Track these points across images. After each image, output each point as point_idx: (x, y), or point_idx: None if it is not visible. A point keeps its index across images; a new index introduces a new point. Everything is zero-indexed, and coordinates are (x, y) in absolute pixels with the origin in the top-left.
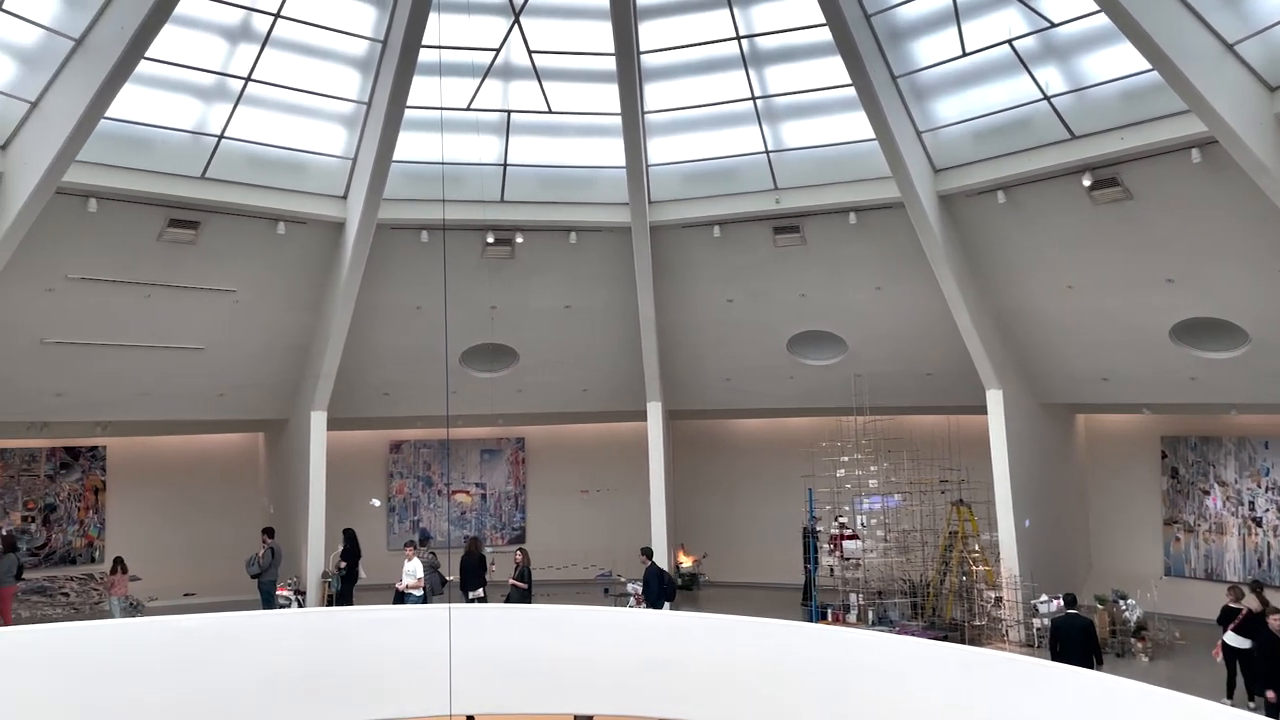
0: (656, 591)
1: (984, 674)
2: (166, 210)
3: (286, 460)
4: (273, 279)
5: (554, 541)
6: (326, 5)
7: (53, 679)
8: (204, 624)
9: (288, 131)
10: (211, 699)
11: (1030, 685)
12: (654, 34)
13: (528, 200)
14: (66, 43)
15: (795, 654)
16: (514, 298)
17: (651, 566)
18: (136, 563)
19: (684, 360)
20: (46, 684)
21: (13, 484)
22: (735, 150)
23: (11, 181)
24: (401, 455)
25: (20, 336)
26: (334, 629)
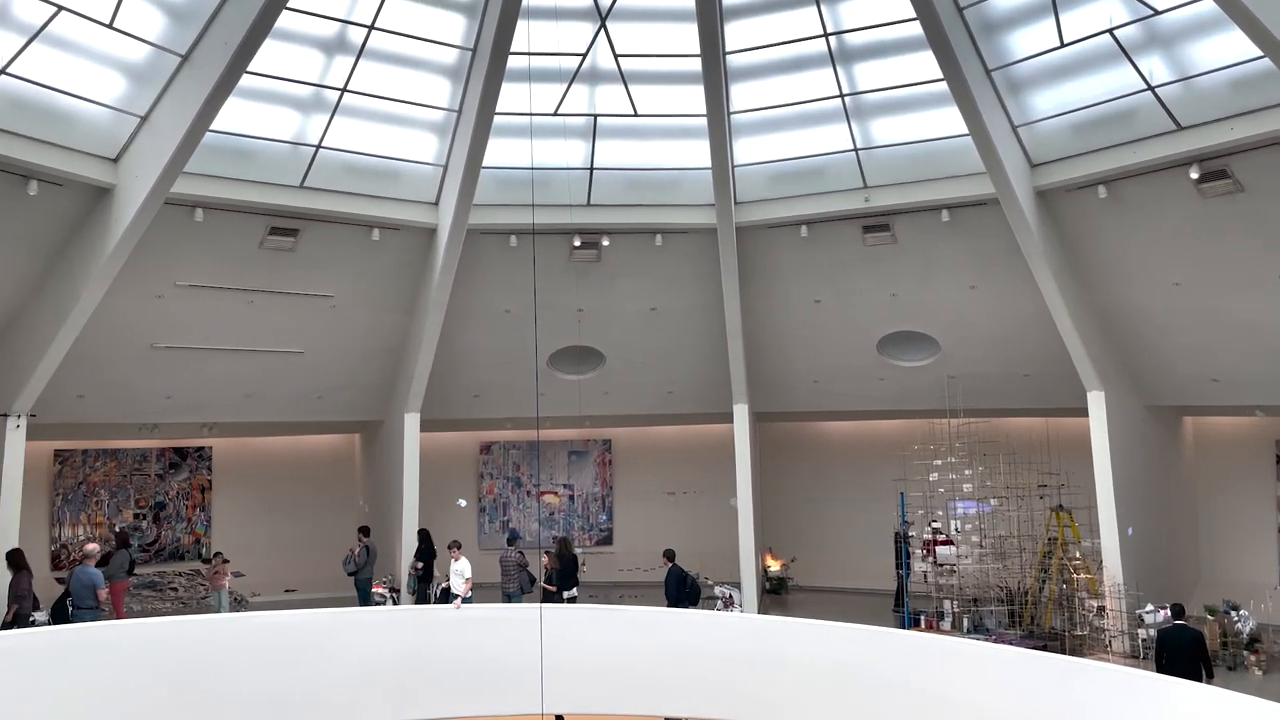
0: (675, 595)
1: (1086, 685)
2: (268, 219)
3: (381, 461)
4: (368, 284)
5: (641, 543)
6: (418, 15)
7: (163, 670)
8: (304, 619)
9: (382, 140)
10: (310, 692)
11: (1135, 698)
12: (740, 34)
13: (614, 203)
14: (174, 59)
15: (887, 661)
16: (600, 300)
17: (673, 569)
18: (240, 559)
19: (771, 362)
20: (158, 675)
21: (125, 483)
22: (823, 149)
23: (123, 193)
24: (491, 456)
25: (133, 341)
26: (427, 626)
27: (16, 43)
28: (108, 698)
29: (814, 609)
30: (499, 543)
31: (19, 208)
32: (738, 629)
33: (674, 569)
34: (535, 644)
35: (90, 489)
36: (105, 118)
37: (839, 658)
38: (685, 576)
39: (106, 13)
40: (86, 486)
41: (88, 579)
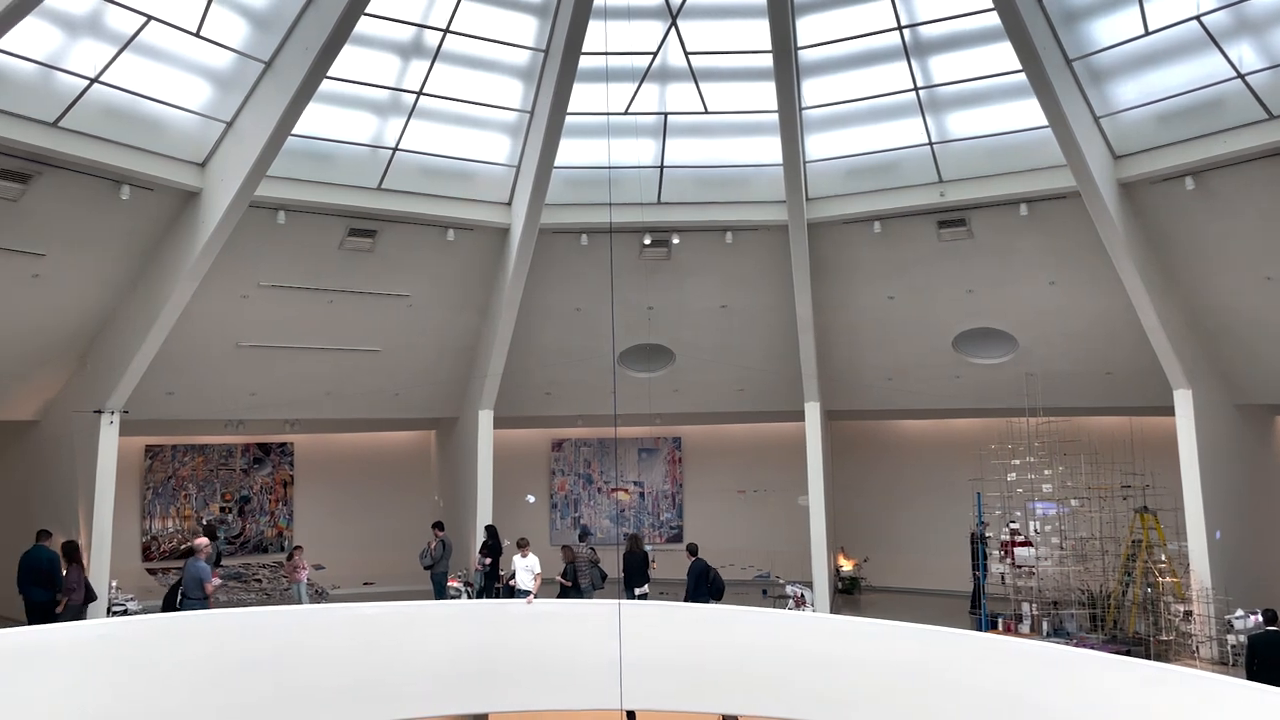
0: (691, 589)
1: (1172, 692)
2: (347, 220)
3: (456, 457)
4: (443, 284)
5: (711, 541)
6: (491, 18)
7: (249, 659)
8: (382, 611)
9: (456, 142)
10: (389, 683)
11: (1224, 706)
12: (812, 28)
13: (684, 201)
14: (257, 65)
15: (963, 663)
16: (671, 298)
17: (696, 562)
18: (320, 552)
19: (843, 359)
20: (244, 663)
21: (212, 477)
22: (897, 143)
23: (210, 197)
24: (563, 453)
25: (219, 341)
26: (501, 620)
27: (109, 52)
28: (195, 686)
29: (887, 610)
30: (570, 539)
31: (112, 212)
32: (810, 629)
33: (696, 562)
34: (607, 640)
35: (179, 483)
36: (192, 124)
37: (913, 659)
38: (708, 570)
39: (194, 21)
40: (175, 481)
41: (196, 572)
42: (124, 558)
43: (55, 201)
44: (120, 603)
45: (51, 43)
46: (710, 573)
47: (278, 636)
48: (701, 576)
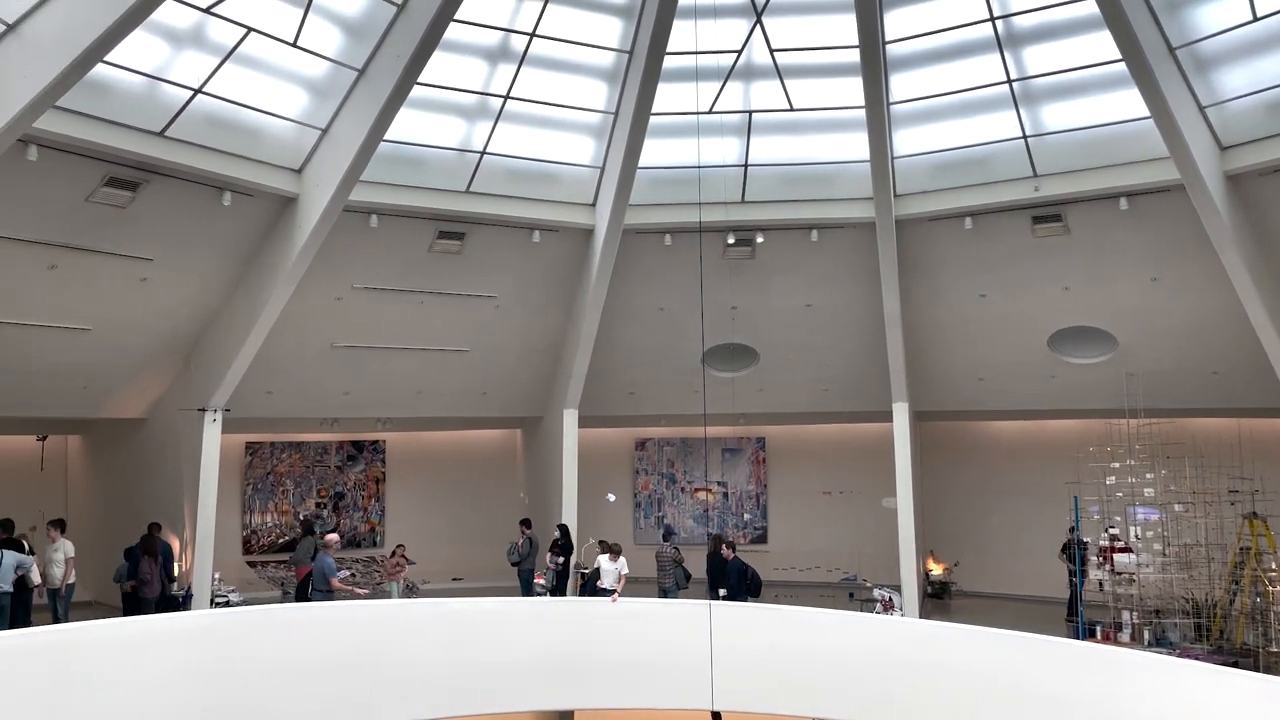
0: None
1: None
2: (436, 223)
3: (541, 455)
4: (529, 284)
5: (797, 543)
6: (576, 20)
7: (343, 650)
8: (472, 607)
9: (541, 144)
10: (479, 676)
11: None
12: (900, 22)
13: (769, 200)
14: (351, 73)
15: (1060, 673)
16: (754, 297)
17: (734, 561)
18: (410, 547)
19: (932, 359)
20: (339, 654)
21: (308, 474)
22: (988, 137)
23: (306, 202)
24: (646, 453)
25: (315, 341)
26: (587, 618)
27: (211, 63)
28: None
29: (979, 615)
30: (654, 538)
31: (215, 218)
32: (899, 633)
33: (734, 561)
34: (691, 639)
35: (277, 479)
36: (290, 131)
37: (1007, 667)
38: (746, 569)
39: (291, 32)
40: (274, 477)
41: (323, 566)
42: (226, 551)
43: (162, 208)
44: (223, 594)
45: (158, 55)
46: (748, 571)
47: (371, 630)
48: (740, 575)
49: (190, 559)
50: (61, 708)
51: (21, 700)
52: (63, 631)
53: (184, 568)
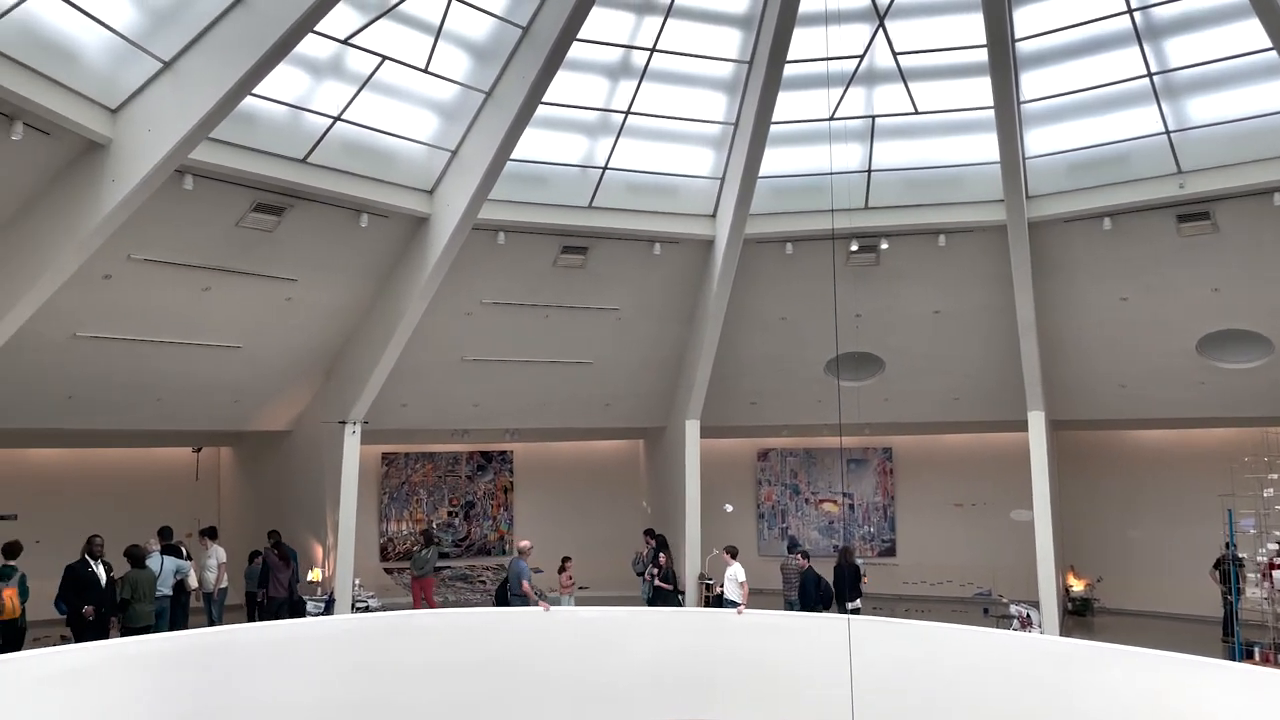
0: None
1: None
2: (560, 239)
3: (664, 466)
4: (650, 296)
5: (926, 556)
6: (696, 34)
7: (475, 656)
8: (601, 615)
9: (661, 157)
10: (608, 685)
11: None
12: (1030, 19)
13: (893, 204)
14: (479, 96)
15: (1213, 696)
16: (879, 304)
17: (808, 571)
18: (537, 556)
19: (1069, 366)
20: (470, 659)
21: (441, 483)
22: (1128, 134)
23: (438, 222)
24: (769, 463)
25: (446, 355)
26: (717, 629)
27: (349, 92)
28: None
29: (1124, 634)
30: (778, 549)
31: (353, 239)
32: (1037, 651)
33: (809, 571)
34: (821, 653)
35: (411, 488)
36: (421, 154)
37: (1156, 689)
38: (820, 580)
39: (422, 58)
40: (408, 486)
41: (517, 570)
42: (365, 557)
43: (304, 231)
44: (362, 600)
45: (300, 86)
46: (822, 582)
47: (503, 637)
48: (815, 584)
49: (332, 565)
50: (217, 704)
51: (181, 696)
52: (218, 633)
53: (326, 574)
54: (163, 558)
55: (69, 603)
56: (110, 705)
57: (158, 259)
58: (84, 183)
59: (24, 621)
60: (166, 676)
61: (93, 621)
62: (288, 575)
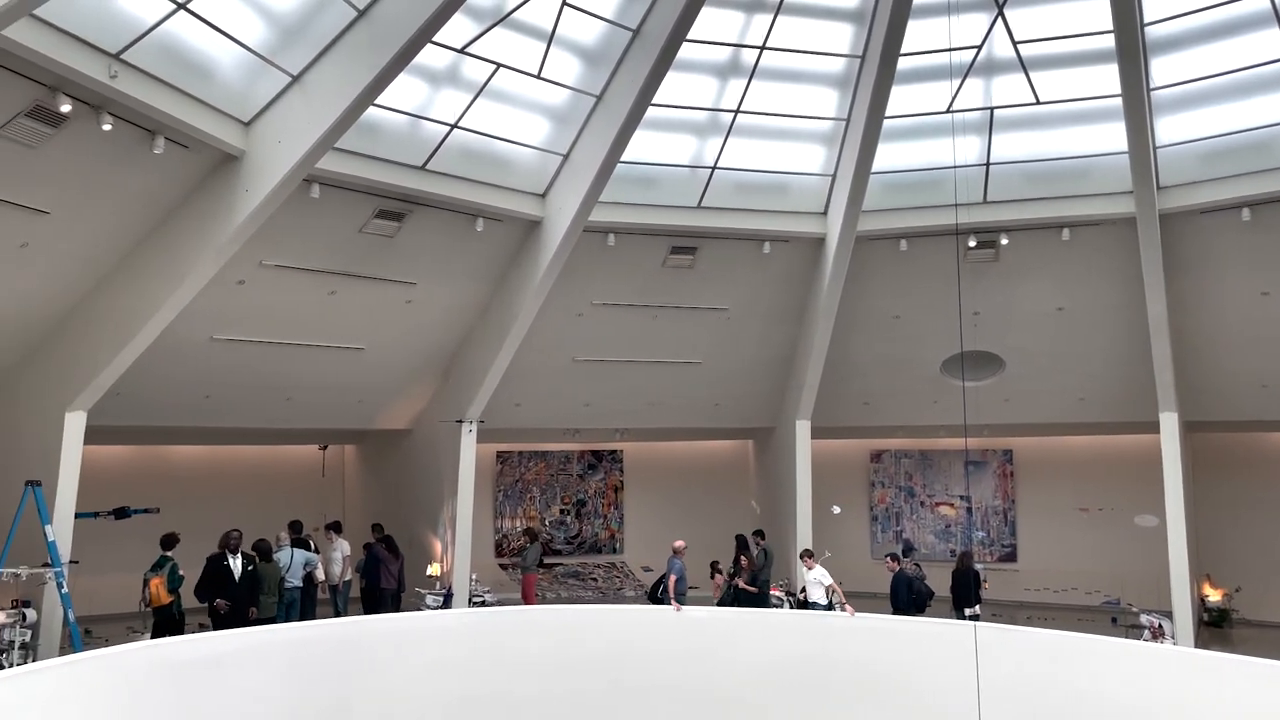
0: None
1: None
2: (669, 239)
3: (773, 466)
4: (759, 295)
5: (1050, 562)
6: (807, 30)
7: (586, 652)
8: (711, 616)
9: (771, 155)
10: (719, 688)
11: None
12: (1161, 2)
13: (1013, 198)
14: (589, 100)
15: None
16: (998, 301)
17: (900, 574)
18: (646, 555)
19: (1204, 364)
20: (582, 656)
21: (553, 481)
22: (1266, 120)
23: (550, 225)
24: (882, 465)
25: (558, 356)
26: (830, 633)
27: (465, 99)
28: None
29: (1265, 647)
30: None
31: (469, 243)
32: (1172, 664)
33: (900, 573)
34: (935, 659)
35: (524, 486)
36: (534, 158)
37: None
38: (912, 581)
39: (535, 64)
40: (521, 484)
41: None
42: (481, 553)
43: (423, 236)
44: (479, 594)
45: (419, 96)
46: (914, 585)
47: (614, 634)
48: (907, 587)
49: (450, 560)
50: (344, 691)
51: (311, 683)
52: (345, 624)
53: (445, 568)
54: (293, 551)
55: (205, 595)
56: (245, 690)
57: (287, 265)
58: (220, 193)
59: (179, 610)
60: (297, 665)
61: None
62: (397, 567)
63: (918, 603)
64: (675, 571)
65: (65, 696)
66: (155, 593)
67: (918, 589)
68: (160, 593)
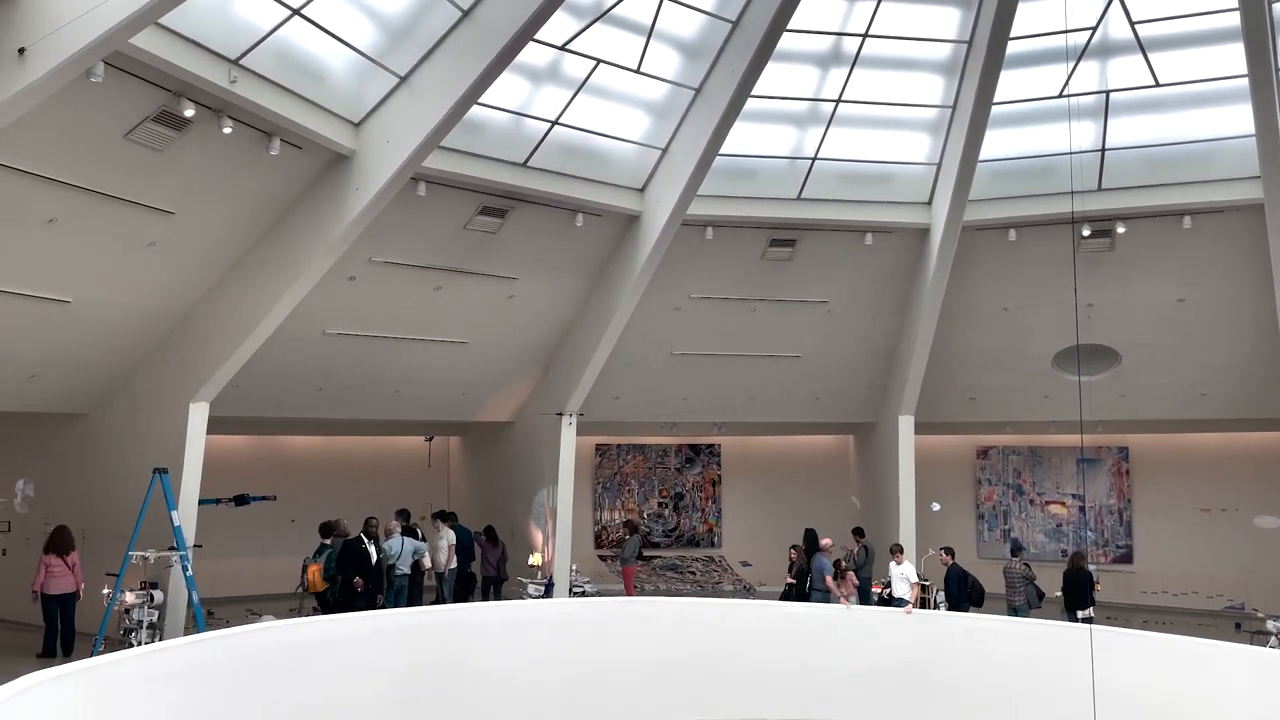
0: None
1: None
2: (768, 231)
3: (875, 462)
4: (861, 288)
5: (1168, 564)
6: (912, 16)
7: (687, 645)
8: (810, 612)
9: (874, 145)
10: (821, 685)
11: None
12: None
13: (1130, 185)
14: (688, 93)
15: None
16: (1114, 293)
17: (953, 567)
18: (745, 550)
19: None
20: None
21: (651, 475)
22: None
23: (648, 219)
24: (989, 461)
25: (656, 350)
26: (928, 633)
27: (565, 96)
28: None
29: None
30: (998, 552)
31: (569, 238)
32: None
33: (954, 567)
34: (1046, 662)
35: (623, 479)
36: (632, 153)
37: None
38: (966, 575)
39: (634, 59)
40: (620, 477)
41: (819, 566)
42: (580, 545)
43: (525, 232)
44: (579, 585)
45: (520, 93)
46: (968, 578)
47: (714, 627)
48: (960, 581)
49: (551, 551)
50: (449, 673)
51: (419, 668)
52: (451, 611)
53: (545, 559)
54: (403, 539)
55: (344, 574)
56: (357, 670)
57: (395, 261)
58: (331, 192)
59: (335, 594)
60: (406, 648)
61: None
62: (496, 555)
63: (972, 597)
64: (824, 570)
65: (190, 673)
66: (312, 579)
67: (972, 583)
68: (316, 579)
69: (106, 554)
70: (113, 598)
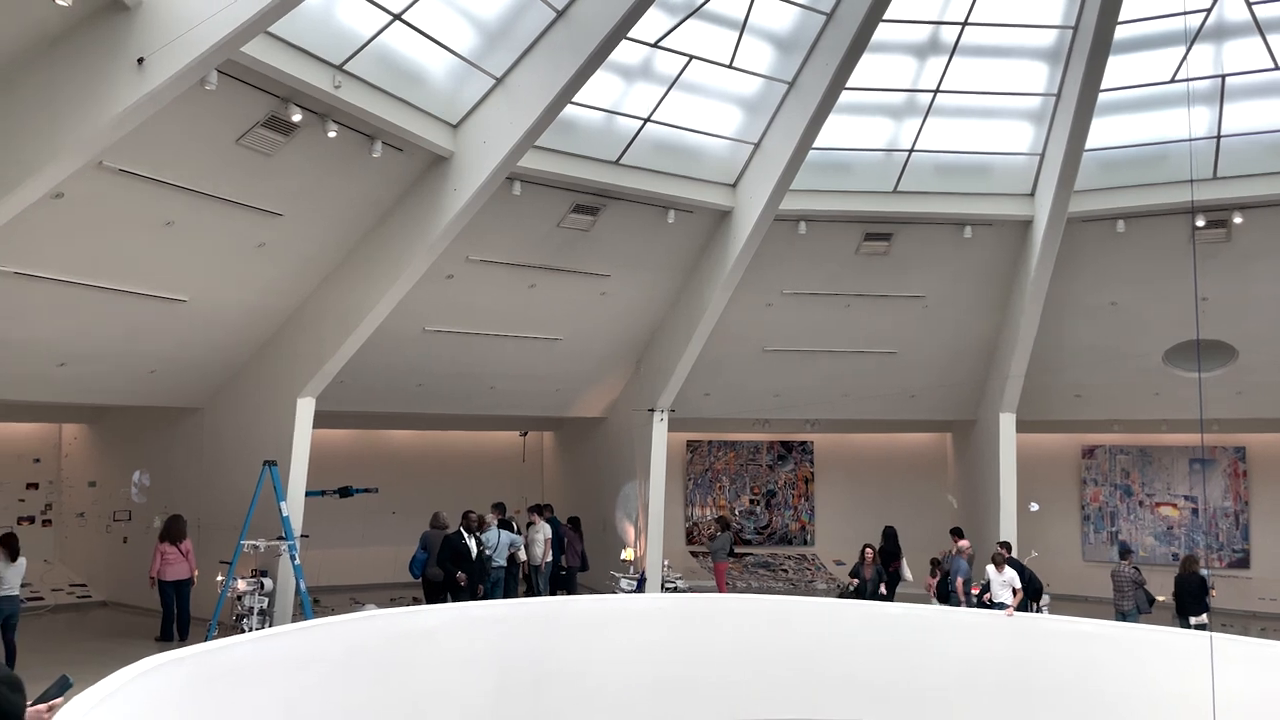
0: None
1: None
2: (863, 225)
3: (974, 461)
4: (960, 282)
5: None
6: (1012, 2)
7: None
8: (907, 612)
9: (973, 136)
10: (913, 684)
11: None
12: None
13: (1247, 173)
14: (781, 87)
15: None
16: (1230, 286)
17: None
18: (838, 549)
19: None
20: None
21: (742, 471)
22: None
23: (740, 215)
24: (1095, 461)
25: (748, 346)
26: (1029, 635)
27: (657, 93)
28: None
29: None
30: (1104, 555)
31: (661, 235)
32: None
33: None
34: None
35: (714, 475)
36: (725, 148)
37: None
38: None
39: (727, 54)
40: (711, 473)
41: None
42: (672, 540)
43: (617, 229)
44: (671, 580)
45: (613, 91)
46: (1026, 573)
47: (806, 626)
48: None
49: (643, 546)
50: (547, 665)
51: (518, 656)
52: (546, 603)
53: (638, 554)
54: (499, 532)
55: (445, 568)
56: (455, 660)
57: (491, 259)
58: (431, 193)
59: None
60: (502, 639)
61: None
62: (580, 546)
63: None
64: (961, 573)
65: (299, 659)
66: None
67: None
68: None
69: (218, 543)
70: (225, 585)
